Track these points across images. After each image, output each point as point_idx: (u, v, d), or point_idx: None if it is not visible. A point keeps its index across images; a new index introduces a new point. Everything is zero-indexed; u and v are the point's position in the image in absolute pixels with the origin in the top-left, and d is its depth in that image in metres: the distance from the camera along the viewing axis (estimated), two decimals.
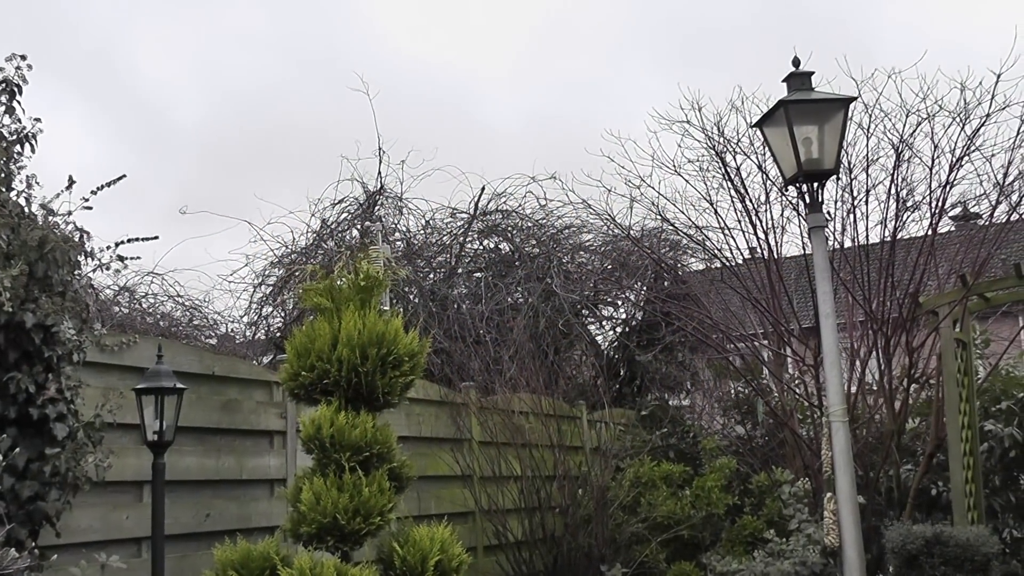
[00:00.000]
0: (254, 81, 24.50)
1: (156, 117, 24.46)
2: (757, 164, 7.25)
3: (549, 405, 7.07)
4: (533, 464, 6.69)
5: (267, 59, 23.80)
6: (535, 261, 9.77)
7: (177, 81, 24.25)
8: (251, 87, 24.78)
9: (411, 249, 10.13)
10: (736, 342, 7.84)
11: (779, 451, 7.35)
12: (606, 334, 10.68)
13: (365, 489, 3.70)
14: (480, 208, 10.34)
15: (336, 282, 4.07)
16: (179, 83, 24.16)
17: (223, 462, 4.73)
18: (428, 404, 6.47)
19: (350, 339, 3.86)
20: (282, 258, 10.01)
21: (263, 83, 25.35)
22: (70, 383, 3.64)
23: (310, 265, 4.34)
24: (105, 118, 24.31)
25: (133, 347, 4.31)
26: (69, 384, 3.63)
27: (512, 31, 26.19)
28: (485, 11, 25.77)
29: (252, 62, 23.48)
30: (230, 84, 24.06)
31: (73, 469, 3.58)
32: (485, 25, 25.67)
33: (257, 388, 5.07)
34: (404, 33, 25.49)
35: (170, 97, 25.50)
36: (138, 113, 24.18)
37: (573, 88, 27.28)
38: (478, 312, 9.01)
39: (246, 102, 24.85)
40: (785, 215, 7.41)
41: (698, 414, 9.28)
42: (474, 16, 25.63)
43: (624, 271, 10.14)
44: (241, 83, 24.42)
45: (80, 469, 3.62)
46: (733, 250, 7.58)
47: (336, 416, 3.80)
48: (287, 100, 24.50)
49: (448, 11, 25.38)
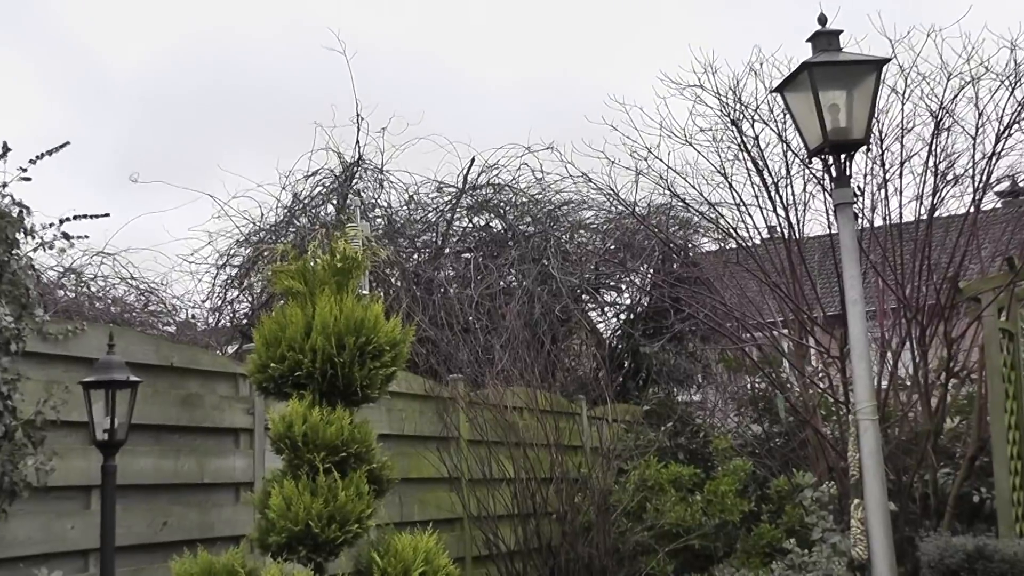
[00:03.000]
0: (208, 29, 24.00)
1: (91, 64, 23.83)
2: (777, 133, 7.23)
3: (545, 400, 7.10)
4: (527, 465, 6.71)
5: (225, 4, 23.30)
6: (530, 241, 9.78)
7: (116, 24, 23.62)
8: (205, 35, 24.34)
9: (393, 227, 10.13)
10: (753, 331, 7.86)
11: (801, 452, 7.37)
12: (608, 322, 10.75)
13: (341, 493, 3.71)
14: (469, 182, 10.33)
15: (310, 263, 4.08)
16: (118, 26, 23.56)
17: (182, 464, 4.72)
18: (411, 399, 6.48)
19: (325, 326, 3.86)
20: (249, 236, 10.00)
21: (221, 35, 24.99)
22: (7, 376, 3.60)
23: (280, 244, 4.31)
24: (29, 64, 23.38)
25: (80, 335, 4.29)
26: (6, 377, 3.58)
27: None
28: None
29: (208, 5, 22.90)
30: (181, 30, 23.44)
31: (10, 473, 3.55)
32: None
33: (221, 381, 5.08)
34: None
35: (107, 41, 24.89)
36: (68, 59, 23.40)
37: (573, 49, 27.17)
38: (467, 297, 9.03)
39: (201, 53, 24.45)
40: (808, 190, 7.39)
41: (710, 411, 9.35)
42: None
43: (629, 252, 10.16)
44: (193, 29, 23.86)
45: (18, 473, 3.59)
46: (750, 229, 7.60)
47: (309, 412, 3.80)
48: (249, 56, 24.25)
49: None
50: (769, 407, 8.04)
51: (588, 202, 10.24)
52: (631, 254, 10.11)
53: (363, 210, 9.58)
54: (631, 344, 9.85)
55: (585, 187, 9.70)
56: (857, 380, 4.97)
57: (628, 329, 10.07)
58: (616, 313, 10.78)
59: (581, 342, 9.99)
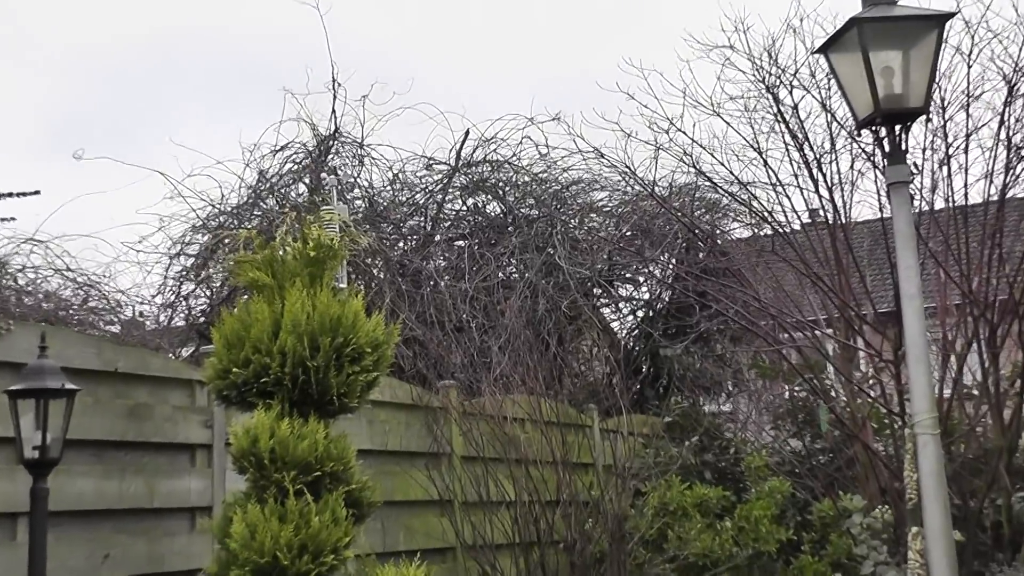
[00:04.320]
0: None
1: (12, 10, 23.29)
2: (820, 102, 7.23)
3: (551, 410, 7.13)
4: (530, 486, 6.73)
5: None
6: (533, 226, 9.80)
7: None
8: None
9: (375, 210, 10.16)
10: (791, 331, 7.86)
11: (848, 472, 7.36)
12: (624, 320, 10.83)
13: (315, 519, 3.71)
14: (463, 158, 10.34)
15: (278, 252, 4.10)
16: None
17: (128, 486, 4.68)
18: (397, 409, 6.51)
19: (296, 325, 3.88)
20: (207, 220, 10.02)
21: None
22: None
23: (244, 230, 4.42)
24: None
25: (6, 336, 4.27)
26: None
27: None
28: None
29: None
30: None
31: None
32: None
33: (174, 389, 5.08)
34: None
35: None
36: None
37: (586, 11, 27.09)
38: (460, 291, 9.07)
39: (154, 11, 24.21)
40: (857, 167, 7.40)
41: (742, 423, 9.37)
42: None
43: (647, 239, 10.16)
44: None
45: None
46: (788, 212, 7.61)
47: (278, 424, 3.81)
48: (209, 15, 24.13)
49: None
50: (811, 419, 8.04)
51: (600, 181, 10.30)
52: (650, 242, 10.12)
53: (340, 190, 9.61)
54: (650, 346, 9.89)
55: (597, 164, 9.71)
56: (914, 388, 4.95)
57: (646, 328, 10.10)
58: (633, 310, 10.85)
59: (592, 343, 10.04)
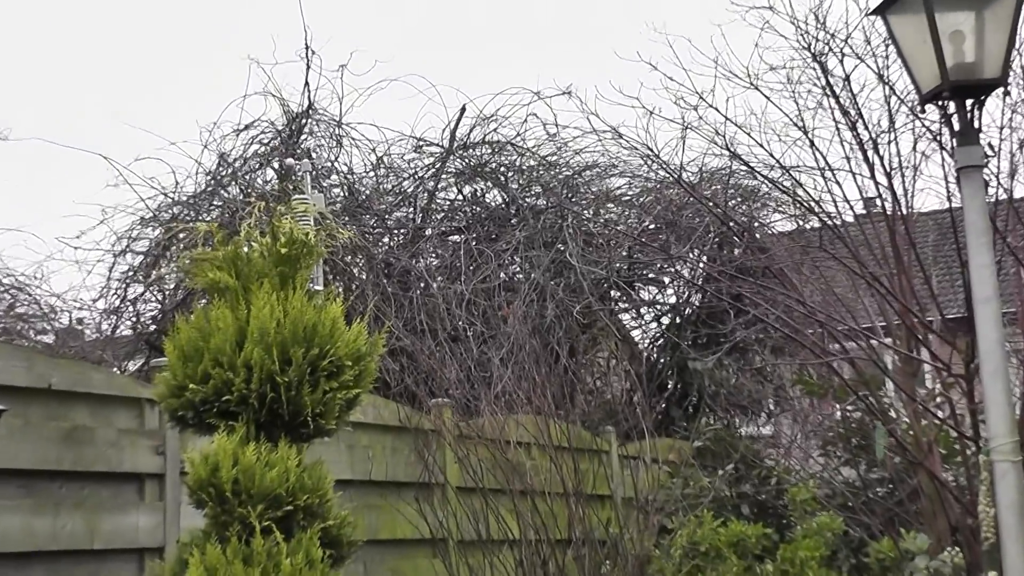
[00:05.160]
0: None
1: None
2: (876, 72, 7.21)
3: (561, 433, 7.12)
4: (537, 522, 6.72)
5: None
6: (541, 218, 9.79)
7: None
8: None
9: (356, 199, 10.15)
10: (843, 340, 7.85)
11: (911, 506, 7.33)
12: (646, 327, 10.88)
13: (285, 561, 3.67)
14: (459, 139, 10.35)
15: (243, 248, 4.10)
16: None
17: (64, 523, 4.64)
18: (382, 431, 6.51)
19: (264, 334, 3.86)
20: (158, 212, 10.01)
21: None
22: None
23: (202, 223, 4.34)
24: None
25: None
26: None
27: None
28: None
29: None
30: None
31: None
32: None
33: (119, 409, 5.06)
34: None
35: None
36: None
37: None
38: (455, 294, 9.08)
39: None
40: (920, 149, 7.36)
41: (785, 449, 9.36)
42: None
43: (673, 233, 10.13)
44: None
45: None
46: (838, 202, 7.59)
47: (242, 450, 3.78)
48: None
49: None
50: (866, 444, 7.94)
51: (619, 166, 10.31)
52: (676, 236, 10.08)
53: (315, 176, 9.61)
54: (677, 358, 9.89)
55: (615, 146, 9.69)
56: (991, 407, 4.92)
57: (673, 337, 10.11)
58: (656, 316, 10.85)
59: (609, 355, 10.04)
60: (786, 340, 8.84)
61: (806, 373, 8.51)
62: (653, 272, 10.76)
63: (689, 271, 10.54)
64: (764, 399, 10.06)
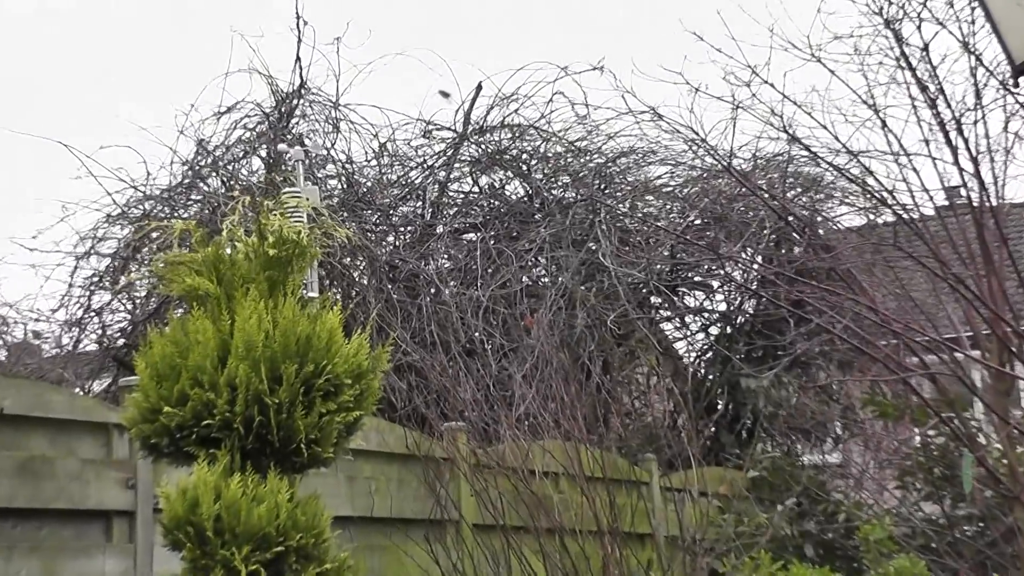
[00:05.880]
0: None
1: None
2: (961, 41, 7.17)
3: (594, 461, 7.12)
4: (567, 564, 6.70)
5: None
6: (569, 213, 9.75)
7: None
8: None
9: (355, 192, 10.14)
10: (922, 353, 7.81)
11: (1005, 547, 7.28)
12: (692, 338, 10.88)
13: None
14: (474, 122, 10.38)
15: (225, 249, 4.10)
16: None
17: (19, 569, 4.61)
18: (386, 460, 6.53)
19: (251, 348, 3.84)
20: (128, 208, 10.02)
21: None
22: None
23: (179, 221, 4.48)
24: None
25: None
26: None
27: None
28: None
29: None
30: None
31: None
32: None
33: (83, 436, 5.05)
34: None
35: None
36: None
37: None
38: (471, 301, 9.09)
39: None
40: (1012, 130, 7.40)
41: (855, 479, 9.29)
42: None
43: (723, 229, 10.08)
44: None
45: None
46: (916, 192, 7.65)
47: (225, 483, 3.75)
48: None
49: None
50: (952, 475, 7.92)
51: (659, 152, 10.28)
52: (727, 232, 10.04)
53: (309, 166, 9.62)
54: (728, 374, 9.86)
55: (654, 129, 9.67)
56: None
57: (723, 350, 10.06)
58: (704, 325, 10.85)
59: (649, 370, 10.05)
60: (855, 353, 8.82)
61: (879, 391, 8.49)
62: (700, 275, 10.73)
63: (741, 273, 10.51)
64: (830, 422, 10.02)
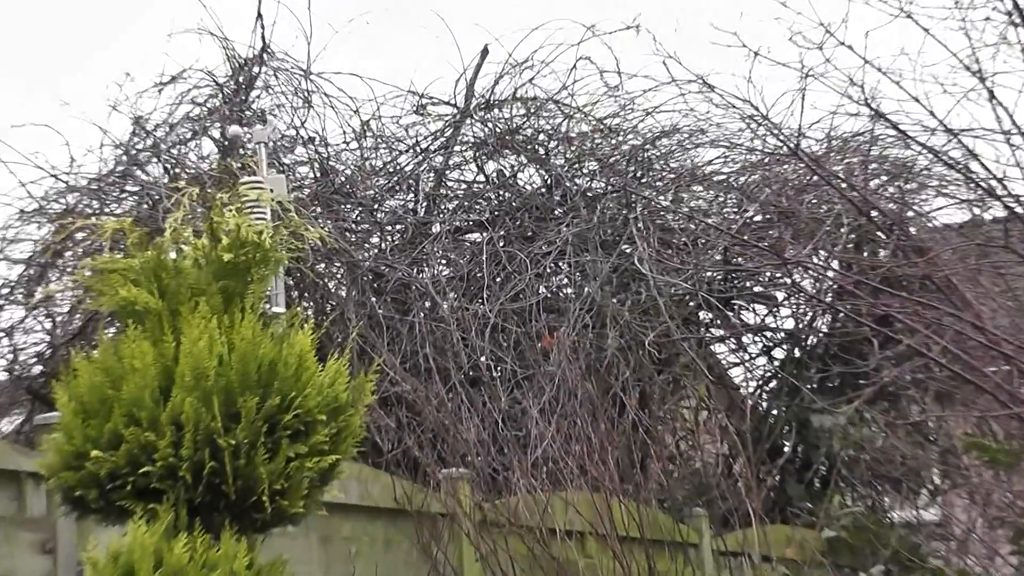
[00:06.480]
0: None
1: None
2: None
3: (630, 517, 6.99)
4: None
5: None
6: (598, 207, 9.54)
7: None
8: None
9: (331, 183, 9.99)
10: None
11: None
12: (751, 364, 10.59)
13: None
14: (479, 94, 10.23)
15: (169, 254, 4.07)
16: None
17: None
18: (370, 516, 6.43)
19: (201, 377, 3.79)
20: (46, 201, 9.82)
21: None
22: None
23: (111, 219, 4.50)
24: None
25: None
26: None
27: None
28: None
29: None
30: None
31: None
32: None
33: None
34: None
35: None
36: None
37: None
38: (475, 317, 8.89)
39: None
40: None
41: (958, 542, 9.02)
42: None
43: (790, 227, 9.89)
44: None
45: None
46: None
47: (168, 546, 3.68)
48: None
49: None
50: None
51: (709, 132, 10.02)
52: (794, 232, 9.81)
53: (274, 149, 9.37)
54: (796, 408, 9.62)
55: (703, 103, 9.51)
56: None
57: (790, 379, 9.81)
58: (766, 347, 10.60)
59: (698, 404, 9.73)
60: (957, 382, 8.50)
61: (987, 430, 8.35)
62: (760, 284, 10.42)
63: (813, 282, 10.18)
64: (925, 469, 9.70)
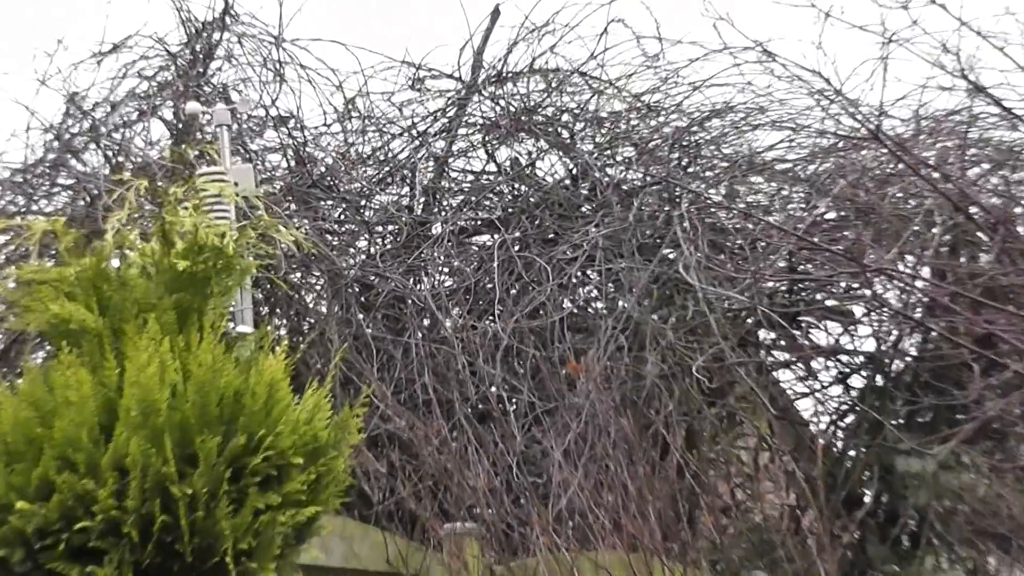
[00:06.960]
0: None
1: None
2: None
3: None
4: None
5: None
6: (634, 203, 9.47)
7: None
8: None
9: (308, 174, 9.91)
10: None
11: None
12: (824, 394, 10.45)
13: None
14: (489, 65, 10.20)
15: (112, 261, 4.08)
16: None
17: None
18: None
19: (149, 412, 3.82)
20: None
21: None
22: None
23: (40, 219, 4.40)
24: None
25: None
26: None
27: None
28: None
29: None
30: None
31: None
32: None
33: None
34: None
35: None
36: None
37: None
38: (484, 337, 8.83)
39: None
40: None
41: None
42: None
43: (870, 227, 9.81)
44: None
45: None
46: None
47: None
48: None
49: None
50: None
51: (769, 111, 9.96)
52: (876, 233, 9.70)
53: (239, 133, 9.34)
54: (879, 449, 9.50)
55: (762, 75, 9.55)
56: None
57: (871, 412, 9.68)
58: (842, 375, 10.46)
59: (758, 443, 9.66)
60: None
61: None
62: (834, 297, 10.30)
63: (898, 294, 9.98)
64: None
